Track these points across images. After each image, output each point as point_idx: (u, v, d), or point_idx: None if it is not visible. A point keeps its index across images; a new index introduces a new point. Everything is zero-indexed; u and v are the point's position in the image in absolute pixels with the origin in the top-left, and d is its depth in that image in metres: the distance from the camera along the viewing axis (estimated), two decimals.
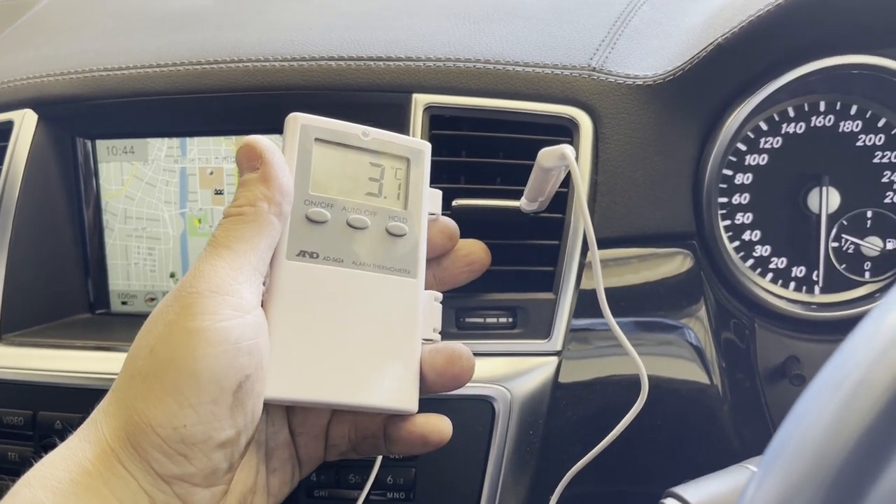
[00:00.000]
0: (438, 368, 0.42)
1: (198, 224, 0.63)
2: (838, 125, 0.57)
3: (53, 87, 0.61)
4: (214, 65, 0.58)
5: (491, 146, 0.55)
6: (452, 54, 0.56)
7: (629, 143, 0.54)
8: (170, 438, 0.33)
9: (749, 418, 0.56)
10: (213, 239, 0.37)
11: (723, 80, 0.55)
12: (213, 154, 0.61)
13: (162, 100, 0.59)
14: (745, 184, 0.58)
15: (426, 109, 0.55)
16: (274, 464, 0.42)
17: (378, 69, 0.56)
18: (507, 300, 0.53)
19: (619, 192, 0.54)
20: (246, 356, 0.35)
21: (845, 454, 0.22)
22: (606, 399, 0.53)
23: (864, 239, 0.58)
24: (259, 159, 0.38)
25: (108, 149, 0.63)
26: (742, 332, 0.57)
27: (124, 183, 0.63)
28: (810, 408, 0.24)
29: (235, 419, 0.35)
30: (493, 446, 0.50)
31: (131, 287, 0.64)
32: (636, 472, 0.54)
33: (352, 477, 0.50)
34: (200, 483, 0.35)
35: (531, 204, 0.49)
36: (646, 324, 0.55)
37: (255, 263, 0.37)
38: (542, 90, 0.55)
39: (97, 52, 0.64)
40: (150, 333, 0.35)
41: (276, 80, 0.56)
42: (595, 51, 0.57)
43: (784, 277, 0.58)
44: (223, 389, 0.34)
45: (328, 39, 0.59)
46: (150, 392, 0.34)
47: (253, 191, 0.37)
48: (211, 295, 0.35)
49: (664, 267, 0.55)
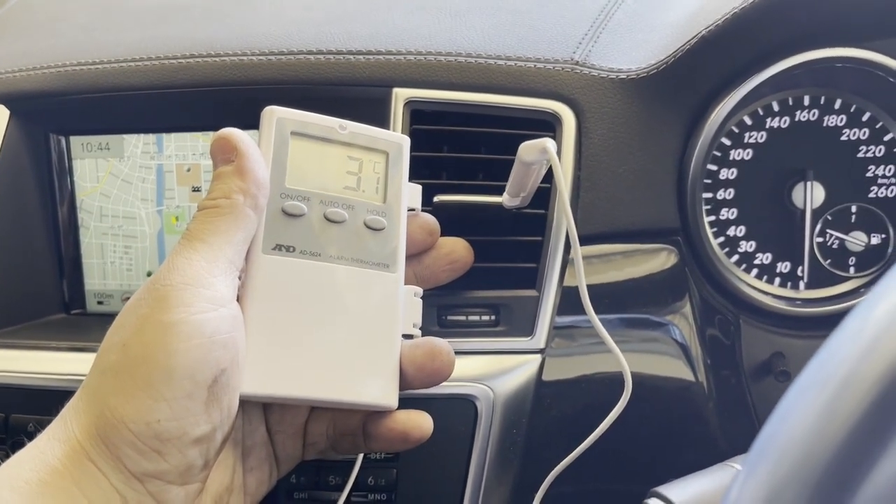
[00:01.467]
0: (418, 363, 0.41)
1: (175, 222, 0.61)
2: (823, 119, 0.57)
3: (26, 83, 0.60)
4: (191, 59, 0.57)
5: (473, 141, 0.54)
6: (434, 48, 0.55)
7: (612, 138, 0.54)
8: (143, 434, 0.33)
9: (734, 415, 0.55)
10: (187, 232, 0.36)
11: (707, 73, 0.54)
12: (190, 150, 0.60)
13: (138, 95, 0.58)
14: (730, 179, 0.57)
15: (407, 104, 0.54)
16: (251, 462, 0.41)
17: (357, 63, 0.55)
18: (490, 297, 0.53)
19: (603, 187, 0.54)
20: (221, 350, 0.34)
21: (832, 452, 0.22)
22: (591, 397, 0.52)
23: (848, 234, 0.57)
24: (234, 151, 0.37)
25: (82, 145, 0.62)
26: (727, 328, 0.57)
27: (100, 180, 0.62)
28: (796, 405, 0.24)
29: (211, 414, 0.34)
30: (475, 446, 0.50)
31: (107, 286, 0.63)
32: (621, 470, 0.54)
33: (332, 478, 0.50)
34: (175, 481, 0.34)
35: (513, 200, 0.49)
36: (630, 320, 0.54)
37: (230, 256, 0.36)
38: (524, 84, 0.54)
39: (71, 46, 0.63)
40: (123, 328, 0.34)
41: (254, 74, 0.55)
42: (578, 44, 0.56)
43: (769, 273, 0.58)
44: (198, 384, 0.33)
45: (306, 33, 0.58)
46: (122, 387, 0.33)
47: (228, 183, 0.37)
48: (185, 287, 0.34)
49: (648, 263, 0.55)
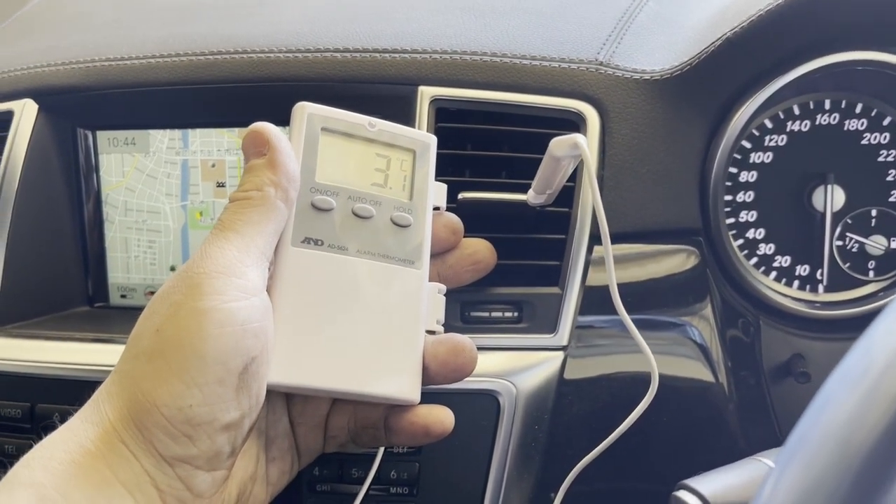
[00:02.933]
0: (441, 359, 0.41)
1: (199, 217, 0.62)
2: (843, 123, 0.57)
3: (55, 77, 0.61)
4: (219, 55, 0.57)
5: (497, 139, 0.55)
6: (459, 47, 0.56)
7: (636, 138, 0.54)
8: (175, 419, 0.33)
9: (754, 416, 0.55)
10: (219, 223, 0.37)
11: (730, 75, 0.55)
12: (215, 146, 0.61)
13: (165, 91, 0.59)
14: (750, 181, 0.58)
15: (432, 102, 0.55)
16: (273, 453, 0.41)
17: (384, 61, 0.55)
18: (513, 294, 0.53)
19: (626, 187, 0.54)
20: (252, 338, 0.35)
21: (866, 451, 0.22)
22: (612, 396, 0.53)
23: (868, 237, 0.58)
24: (266, 145, 0.38)
25: (109, 140, 0.63)
26: (747, 329, 0.57)
27: (125, 175, 0.62)
28: (834, 396, 0.24)
29: (240, 401, 0.35)
30: (497, 441, 0.50)
31: (131, 280, 0.63)
32: (641, 469, 0.54)
33: (354, 471, 0.50)
34: (203, 466, 0.34)
35: (538, 197, 0.49)
36: (651, 321, 0.54)
37: (261, 247, 0.37)
38: (549, 84, 0.54)
39: (98, 42, 0.63)
40: (156, 314, 0.35)
41: (282, 71, 0.56)
42: (602, 45, 0.57)
43: (788, 275, 0.58)
44: (229, 371, 0.34)
45: (333, 31, 0.59)
46: (155, 372, 0.33)
47: (260, 176, 0.37)
48: (218, 276, 0.34)
49: (670, 263, 0.55)
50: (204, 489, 0.35)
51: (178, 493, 0.34)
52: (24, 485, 0.31)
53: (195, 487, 0.35)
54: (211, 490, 0.35)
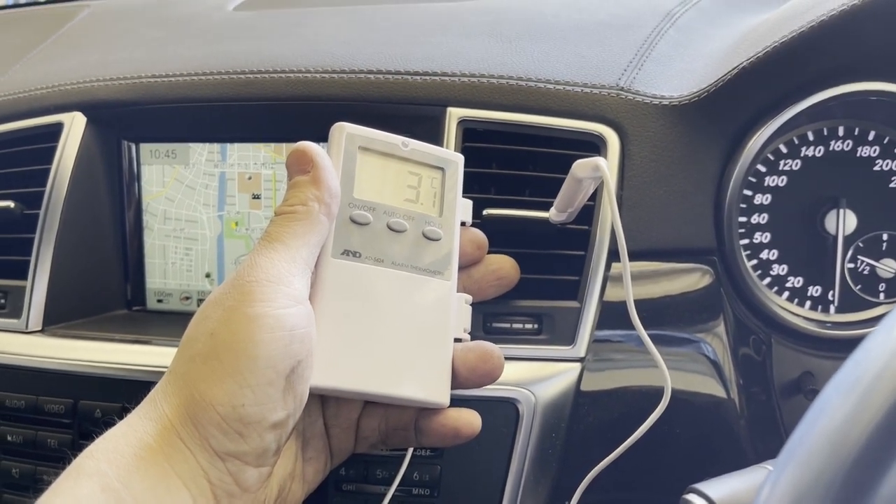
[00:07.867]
0: (470, 365, 0.44)
1: (234, 227, 0.65)
2: (856, 150, 0.59)
3: (103, 92, 0.64)
4: (259, 74, 0.61)
5: (521, 159, 0.57)
6: (486, 70, 0.59)
7: (654, 161, 0.56)
8: (228, 416, 0.35)
9: (764, 431, 0.57)
10: (266, 234, 0.39)
11: (746, 102, 0.57)
12: (252, 160, 0.64)
13: (206, 106, 0.62)
14: (764, 204, 0.59)
15: (460, 123, 0.57)
16: (309, 453, 0.44)
17: (415, 83, 0.58)
18: (534, 307, 0.55)
19: (644, 207, 0.56)
20: (299, 343, 0.37)
21: (854, 455, 0.24)
22: (627, 408, 0.54)
23: (879, 261, 0.59)
24: (310, 163, 0.40)
25: (151, 152, 0.66)
26: (759, 347, 0.59)
27: (165, 185, 0.66)
28: (829, 402, 0.26)
29: (287, 402, 0.37)
30: (516, 447, 0.52)
31: (167, 285, 0.66)
32: (653, 480, 0.56)
33: (379, 472, 0.52)
34: (251, 462, 0.37)
35: (560, 215, 0.51)
36: (665, 337, 0.56)
37: (306, 258, 0.39)
38: (571, 107, 0.57)
39: (144, 59, 0.67)
40: (210, 318, 0.37)
41: (318, 90, 0.59)
42: (623, 71, 0.59)
43: (800, 296, 0.60)
44: (278, 373, 0.36)
45: (367, 53, 0.62)
46: (211, 373, 0.36)
47: (304, 191, 0.40)
48: (268, 284, 0.37)
49: (685, 281, 0.57)
50: (251, 484, 0.37)
51: (227, 486, 0.36)
52: (89, 474, 0.34)
53: (243, 482, 0.37)
54: (256, 485, 0.38)
